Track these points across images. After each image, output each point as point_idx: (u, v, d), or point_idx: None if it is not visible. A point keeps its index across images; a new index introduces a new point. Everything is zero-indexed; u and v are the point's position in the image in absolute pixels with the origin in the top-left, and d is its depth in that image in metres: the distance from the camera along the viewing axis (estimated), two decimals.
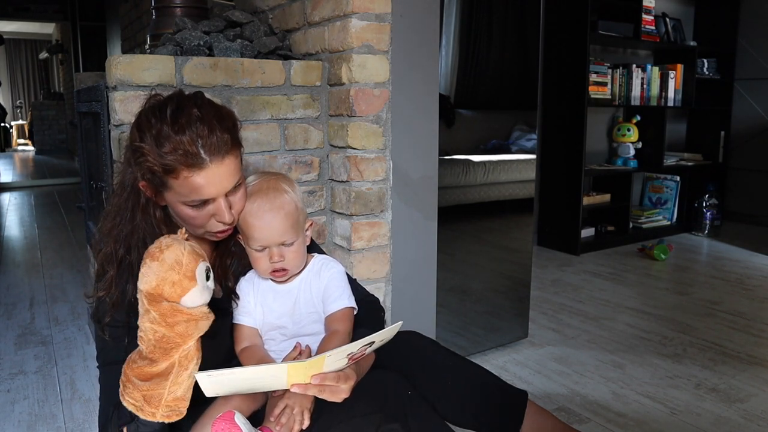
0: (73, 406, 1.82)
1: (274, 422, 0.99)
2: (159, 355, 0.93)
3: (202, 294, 0.93)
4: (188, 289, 0.92)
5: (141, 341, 0.94)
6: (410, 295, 1.83)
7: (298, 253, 1.13)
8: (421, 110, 1.76)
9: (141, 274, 0.93)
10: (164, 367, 0.93)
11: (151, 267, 0.92)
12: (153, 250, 0.94)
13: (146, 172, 1.00)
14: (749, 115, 4.36)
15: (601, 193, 3.92)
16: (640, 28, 3.75)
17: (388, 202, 1.74)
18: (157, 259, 0.92)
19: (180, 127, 0.97)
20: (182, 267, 0.91)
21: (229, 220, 1.05)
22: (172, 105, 1.01)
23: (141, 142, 0.99)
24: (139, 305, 0.95)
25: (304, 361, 0.93)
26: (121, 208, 1.07)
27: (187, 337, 0.93)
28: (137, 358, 0.95)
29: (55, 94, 11.14)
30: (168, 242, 0.94)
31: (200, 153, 0.98)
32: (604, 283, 3.02)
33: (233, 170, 1.03)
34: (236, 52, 1.67)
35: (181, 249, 0.93)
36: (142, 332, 0.93)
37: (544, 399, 1.83)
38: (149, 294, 0.91)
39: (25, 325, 2.49)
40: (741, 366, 2.06)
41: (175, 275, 0.91)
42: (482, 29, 1.95)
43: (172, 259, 0.91)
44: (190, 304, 0.92)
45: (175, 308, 0.92)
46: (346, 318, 1.14)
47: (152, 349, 0.92)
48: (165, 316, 0.92)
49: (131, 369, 0.95)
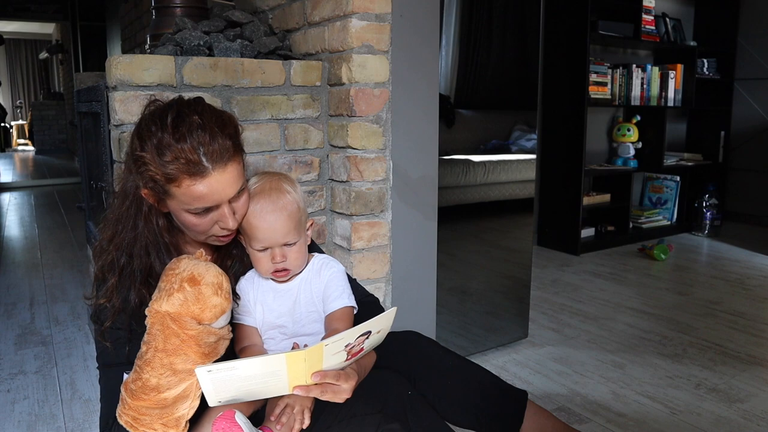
0: (73, 406, 1.82)
1: (274, 422, 0.99)
2: (182, 377, 0.93)
3: (230, 313, 0.97)
4: (225, 311, 0.95)
5: (153, 367, 0.93)
6: (410, 295, 1.83)
7: (300, 253, 1.13)
8: (421, 110, 1.76)
9: (176, 297, 0.93)
10: (184, 387, 0.94)
11: (192, 291, 0.93)
12: (189, 273, 0.94)
13: (148, 181, 0.99)
14: (749, 115, 4.36)
15: (601, 193, 3.92)
16: (640, 28, 3.75)
17: (388, 202, 1.74)
18: (198, 283, 0.93)
19: (181, 135, 0.96)
20: (223, 291, 0.95)
21: (233, 226, 1.05)
22: (173, 112, 0.99)
23: (142, 151, 0.98)
24: (153, 329, 0.94)
25: (302, 351, 0.92)
26: (123, 216, 1.07)
27: (211, 356, 0.95)
28: (148, 389, 0.94)
29: (55, 94, 11.14)
30: (203, 265, 0.95)
31: (202, 161, 0.97)
32: (604, 283, 3.02)
33: (236, 176, 1.02)
34: (236, 52, 1.67)
35: (219, 271, 0.96)
36: (159, 357, 0.93)
37: (544, 399, 1.83)
38: (180, 320, 0.92)
39: (25, 325, 2.49)
40: (741, 366, 2.06)
41: (217, 299, 0.94)
42: (482, 29, 1.95)
43: (215, 284, 0.94)
44: (223, 324, 0.96)
45: (208, 330, 0.94)
46: (346, 317, 1.14)
47: (172, 371, 0.93)
48: (197, 339, 0.93)
49: (143, 400, 0.94)
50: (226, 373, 0.91)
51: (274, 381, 0.95)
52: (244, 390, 0.96)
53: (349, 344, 0.97)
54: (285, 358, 0.92)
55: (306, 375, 0.95)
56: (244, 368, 0.91)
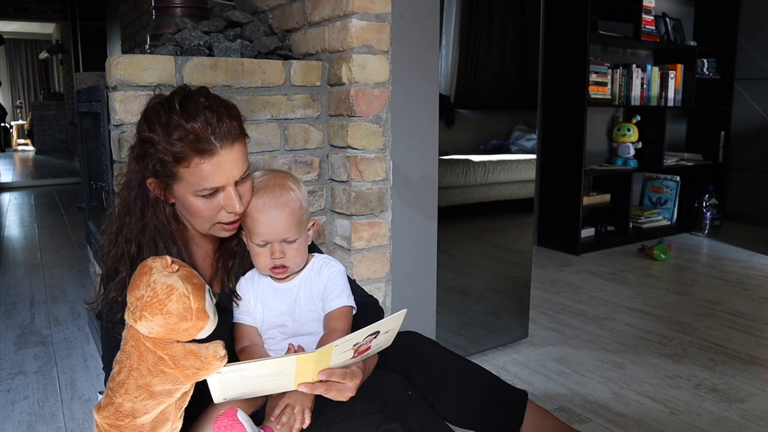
0: (73, 406, 1.82)
1: (274, 421, 0.99)
2: (160, 399, 0.86)
3: (214, 321, 0.89)
4: (203, 328, 0.87)
5: (127, 389, 0.84)
6: (410, 295, 1.83)
7: (299, 252, 1.14)
8: (421, 110, 1.76)
9: (141, 324, 0.85)
10: (161, 410, 0.87)
11: (155, 321, 0.83)
12: (149, 300, 0.83)
13: (156, 164, 1.00)
14: (749, 115, 4.36)
15: (601, 193, 3.92)
16: (640, 28, 3.75)
17: (388, 202, 1.74)
18: (160, 312, 0.83)
19: (189, 115, 0.99)
20: (192, 313, 0.85)
21: (239, 209, 1.06)
22: (179, 96, 1.02)
23: (150, 132, 1.00)
24: (127, 345, 0.87)
25: (313, 353, 0.93)
26: (130, 207, 1.07)
27: (194, 378, 0.88)
28: (122, 415, 0.85)
29: (55, 94, 11.13)
30: (164, 287, 0.83)
31: (211, 139, 0.99)
32: (604, 283, 3.02)
33: (242, 157, 1.05)
34: (236, 52, 1.67)
35: (184, 293, 0.84)
36: (134, 378, 0.85)
37: (544, 399, 1.83)
38: (156, 339, 0.85)
39: (25, 325, 2.49)
40: (741, 366, 2.06)
41: (187, 324, 0.85)
42: (482, 29, 1.95)
43: (180, 309, 0.84)
44: (206, 335, 0.89)
45: (188, 350, 0.86)
46: (345, 316, 1.14)
47: (149, 394, 0.85)
48: (176, 359, 0.85)
49: (120, 429, 0.86)
50: (236, 374, 0.91)
51: (281, 379, 0.96)
52: (250, 388, 0.96)
53: (357, 343, 0.97)
54: (295, 360, 0.92)
55: (313, 374, 0.96)
56: (253, 369, 0.92)
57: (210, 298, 0.89)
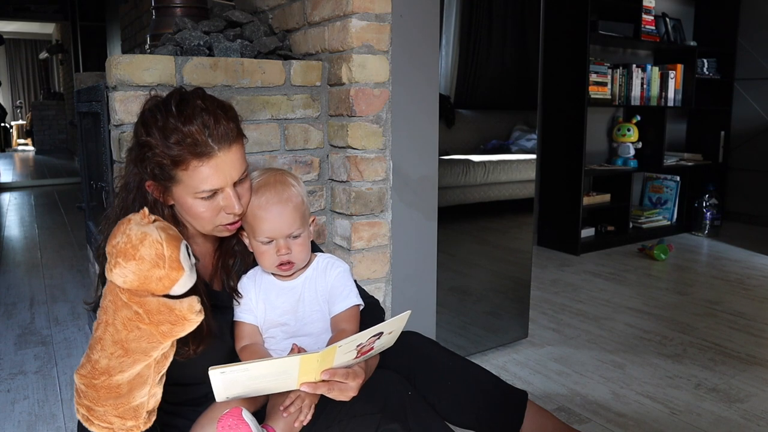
0: (73, 406, 1.82)
1: (282, 410, 1.00)
2: (135, 357, 0.84)
3: (191, 277, 0.87)
4: (177, 280, 0.84)
5: (103, 345, 0.83)
6: (410, 295, 1.83)
7: (304, 246, 1.14)
8: (421, 110, 1.76)
9: (115, 273, 0.83)
10: (138, 370, 0.85)
11: (128, 267, 0.82)
12: (123, 246, 0.82)
13: (154, 167, 1.00)
14: (749, 115, 4.36)
15: (601, 193, 3.92)
16: (640, 28, 3.75)
17: (388, 202, 1.74)
18: (133, 258, 0.82)
19: (186, 118, 0.98)
20: (165, 260, 0.83)
21: (239, 210, 1.06)
22: (176, 98, 1.02)
23: (147, 136, 1.00)
24: (105, 300, 0.85)
25: (317, 353, 0.93)
26: (128, 209, 1.07)
27: (169, 335, 0.85)
28: (98, 373, 0.84)
29: (55, 94, 11.13)
30: (138, 234, 0.83)
31: (208, 141, 0.99)
32: (604, 283, 3.02)
33: (240, 158, 1.05)
34: (236, 52, 1.67)
35: (157, 239, 0.83)
36: (110, 333, 0.83)
37: (544, 399, 1.83)
38: (131, 291, 0.83)
39: (25, 325, 2.49)
40: (741, 366, 2.06)
41: (159, 271, 0.83)
42: (482, 29, 1.95)
43: (153, 255, 0.82)
44: (181, 291, 0.86)
45: (162, 304, 0.83)
46: (353, 318, 1.15)
47: (124, 350, 0.83)
48: (151, 314, 0.83)
49: (95, 388, 0.85)
50: (239, 374, 0.91)
51: (284, 378, 0.96)
52: (252, 387, 0.96)
53: (360, 344, 0.97)
54: (299, 360, 0.92)
55: (316, 374, 0.96)
56: (257, 369, 0.92)
57: (186, 252, 0.87)
